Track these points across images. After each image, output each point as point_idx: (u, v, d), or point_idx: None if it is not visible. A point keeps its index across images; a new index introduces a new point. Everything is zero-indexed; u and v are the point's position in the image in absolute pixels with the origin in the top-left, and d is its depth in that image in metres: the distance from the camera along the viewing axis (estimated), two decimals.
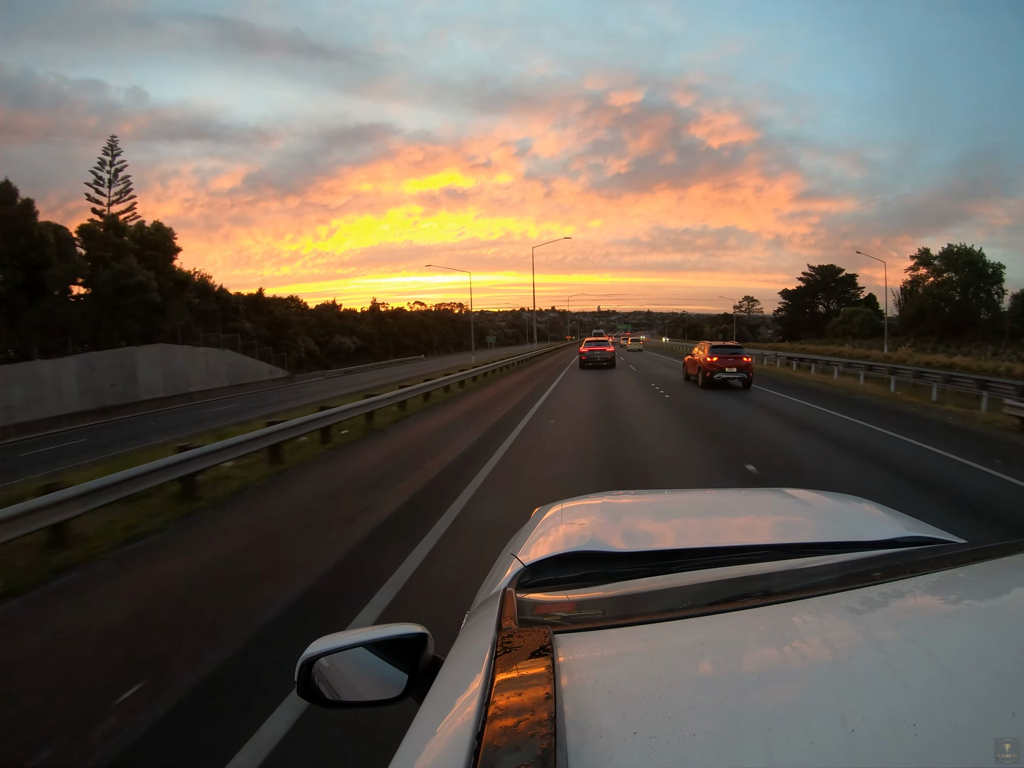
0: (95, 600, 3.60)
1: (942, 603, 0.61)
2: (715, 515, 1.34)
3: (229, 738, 2.20)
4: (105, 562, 4.18)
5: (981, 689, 0.43)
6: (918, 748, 0.37)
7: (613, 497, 1.46)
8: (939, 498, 5.44)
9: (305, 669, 0.79)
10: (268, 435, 6.93)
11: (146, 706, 2.42)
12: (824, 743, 0.38)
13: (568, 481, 5.74)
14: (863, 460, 7.08)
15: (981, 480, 6.17)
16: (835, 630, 0.54)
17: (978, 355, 28.35)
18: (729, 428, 9.22)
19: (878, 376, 17.62)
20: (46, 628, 3.22)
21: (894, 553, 0.91)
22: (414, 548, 4.08)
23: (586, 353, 24.93)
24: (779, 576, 0.82)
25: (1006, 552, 0.70)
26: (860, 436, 8.69)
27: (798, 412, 11.31)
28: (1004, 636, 0.50)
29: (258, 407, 20.04)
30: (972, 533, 2.24)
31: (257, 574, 3.77)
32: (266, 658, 2.77)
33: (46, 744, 2.25)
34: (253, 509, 5.48)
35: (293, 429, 7.45)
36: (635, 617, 0.62)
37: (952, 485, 5.93)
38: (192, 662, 2.75)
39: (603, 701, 0.44)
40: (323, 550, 4.16)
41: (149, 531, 4.74)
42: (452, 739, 0.44)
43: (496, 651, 0.53)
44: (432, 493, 5.61)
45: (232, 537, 4.75)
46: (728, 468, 6.41)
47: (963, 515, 4.90)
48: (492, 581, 1.04)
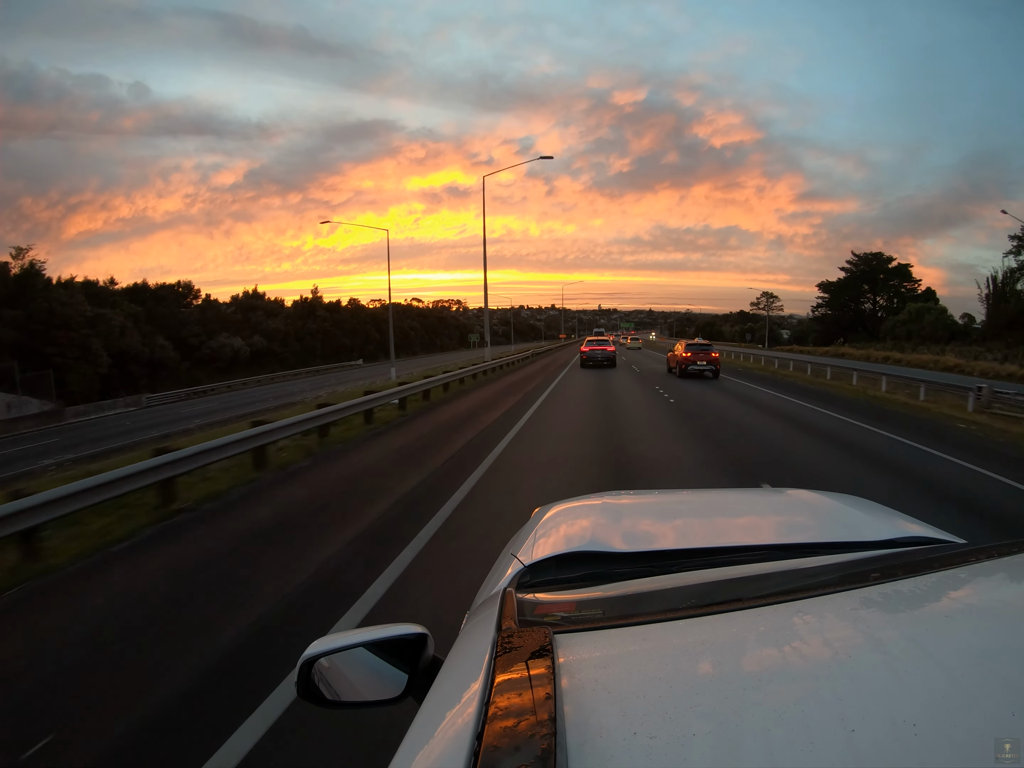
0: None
1: (942, 603, 0.61)
2: (715, 515, 1.34)
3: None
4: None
5: (981, 689, 0.43)
6: (918, 748, 0.37)
7: (613, 497, 1.46)
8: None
9: (305, 669, 0.79)
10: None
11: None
12: (824, 743, 0.38)
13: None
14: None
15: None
16: (835, 630, 0.54)
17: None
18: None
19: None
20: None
21: (894, 553, 0.91)
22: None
23: (587, 352, 25.08)
24: (779, 576, 0.82)
25: (1006, 552, 0.70)
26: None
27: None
28: (1004, 636, 0.50)
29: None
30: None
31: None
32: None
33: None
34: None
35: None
36: (635, 617, 0.62)
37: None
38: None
39: (603, 701, 0.44)
40: None
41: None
42: (452, 739, 0.44)
43: (496, 651, 0.53)
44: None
45: None
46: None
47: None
48: (492, 581, 1.04)
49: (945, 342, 34.61)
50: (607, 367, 23.95)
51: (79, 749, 2.27)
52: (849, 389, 16.25)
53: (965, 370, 21.51)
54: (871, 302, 52.35)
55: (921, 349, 32.02)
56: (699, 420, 10.15)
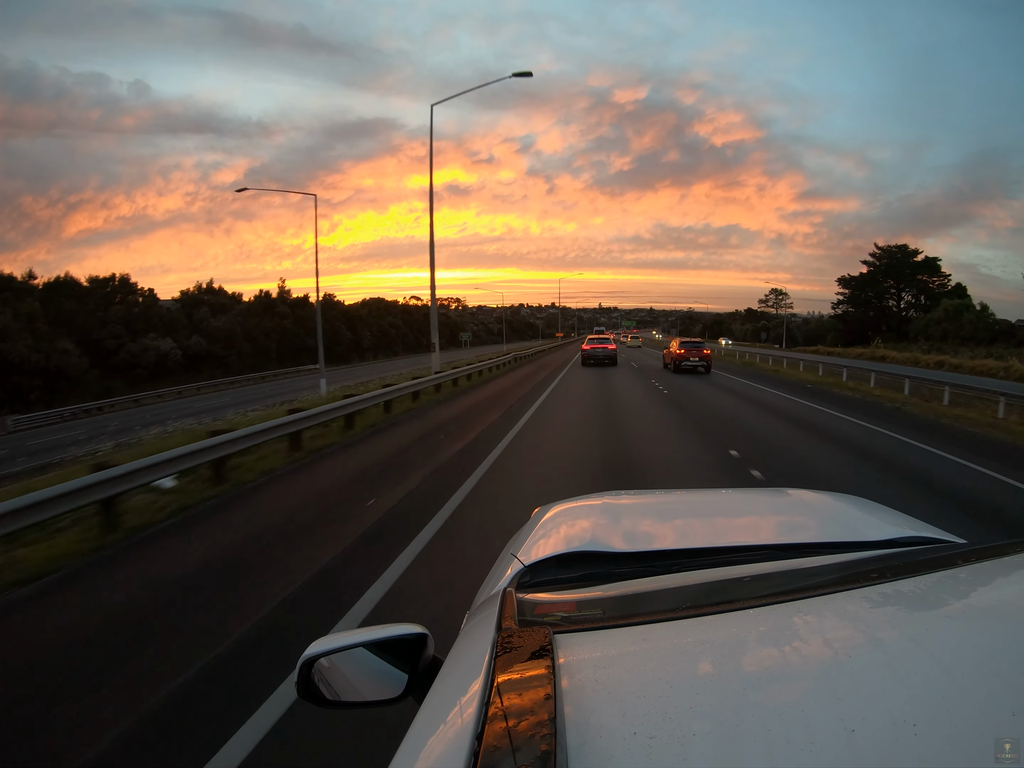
0: None
1: (942, 603, 0.61)
2: (715, 515, 1.34)
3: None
4: None
5: (981, 689, 0.43)
6: (918, 748, 0.37)
7: (613, 497, 1.46)
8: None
9: (305, 669, 0.79)
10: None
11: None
12: (824, 743, 0.38)
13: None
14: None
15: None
16: (835, 630, 0.54)
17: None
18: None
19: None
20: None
21: (894, 553, 0.91)
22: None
23: (588, 351, 25.14)
24: (779, 576, 0.82)
25: (1006, 552, 0.70)
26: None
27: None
28: (1004, 636, 0.50)
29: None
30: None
31: None
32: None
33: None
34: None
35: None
36: (635, 617, 0.62)
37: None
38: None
39: (603, 701, 0.44)
40: None
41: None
42: (452, 739, 0.44)
43: (496, 651, 0.53)
44: None
45: None
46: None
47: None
48: (492, 581, 1.04)
49: (987, 343, 30.99)
50: (608, 365, 23.93)
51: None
52: (924, 407, 11.97)
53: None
54: (896, 299, 47.60)
55: (963, 351, 28.32)
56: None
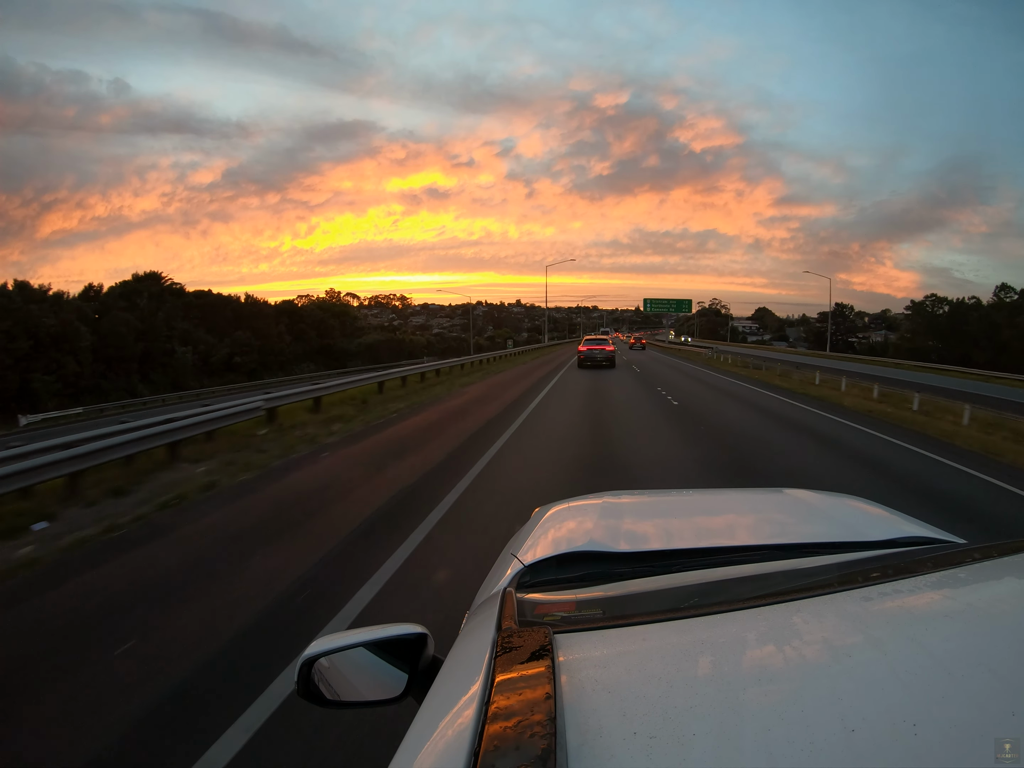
0: None
1: (942, 603, 0.61)
2: (715, 515, 1.34)
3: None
4: None
5: (981, 689, 0.43)
6: (918, 748, 0.37)
7: (613, 497, 1.46)
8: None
9: (305, 669, 0.79)
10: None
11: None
12: (824, 743, 0.38)
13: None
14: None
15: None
16: (835, 630, 0.54)
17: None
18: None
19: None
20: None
21: (894, 553, 0.91)
22: None
23: (584, 352, 23.71)
24: (779, 576, 0.82)
25: (1006, 552, 0.70)
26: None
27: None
28: (1004, 636, 0.50)
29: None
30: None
31: None
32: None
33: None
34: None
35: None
36: (635, 617, 0.62)
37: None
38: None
39: (603, 701, 0.44)
40: None
41: None
42: (452, 739, 0.44)
43: (496, 651, 0.53)
44: None
45: None
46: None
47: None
48: (492, 581, 1.04)
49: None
50: (606, 367, 22.78)
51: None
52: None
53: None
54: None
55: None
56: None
